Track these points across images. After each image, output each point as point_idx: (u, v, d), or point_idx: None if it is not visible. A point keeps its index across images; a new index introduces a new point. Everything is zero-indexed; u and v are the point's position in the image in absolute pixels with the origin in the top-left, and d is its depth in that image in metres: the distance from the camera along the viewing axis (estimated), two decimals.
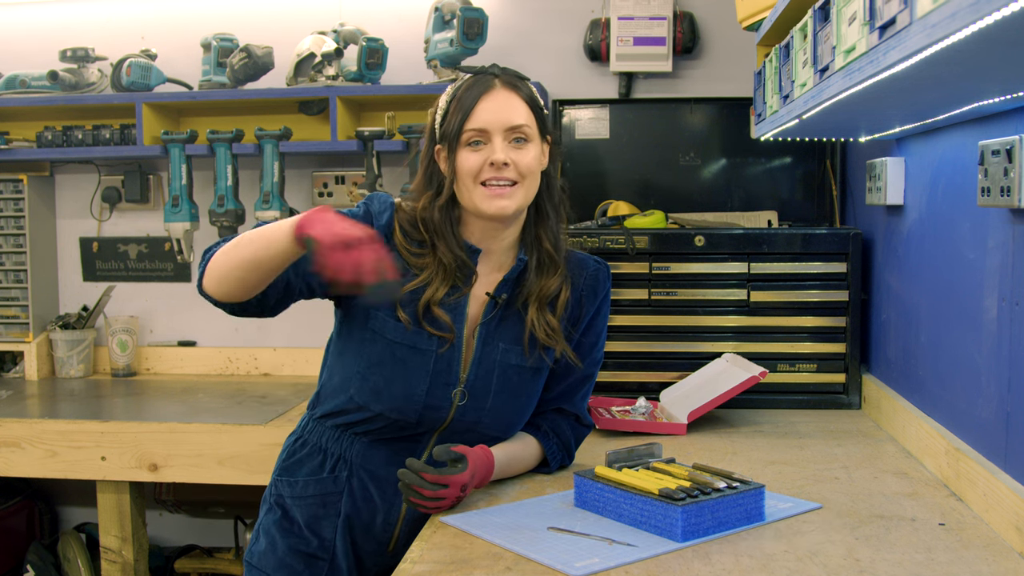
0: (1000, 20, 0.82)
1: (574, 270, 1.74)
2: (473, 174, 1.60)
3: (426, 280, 1.63)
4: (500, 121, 1.60)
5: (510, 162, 1.59)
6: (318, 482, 1.69)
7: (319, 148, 3.08)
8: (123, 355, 3.34)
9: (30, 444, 2.69)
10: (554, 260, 1.70)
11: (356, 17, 3.16)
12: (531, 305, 1.68)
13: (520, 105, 1.63)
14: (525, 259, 1.69)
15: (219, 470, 2.62)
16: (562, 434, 1.80)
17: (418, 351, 1.63)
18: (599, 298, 1.77)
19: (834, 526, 1.51)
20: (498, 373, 1.67)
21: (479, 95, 1.61)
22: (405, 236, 1.65)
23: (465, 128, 1.60)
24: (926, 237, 1.95)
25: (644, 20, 2.96)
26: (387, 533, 1.70)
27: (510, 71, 1.67)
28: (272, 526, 1.72)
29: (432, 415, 1.64)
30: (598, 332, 1.79)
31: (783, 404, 2.41)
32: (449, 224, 1.65)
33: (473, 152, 1.60)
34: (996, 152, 1.47)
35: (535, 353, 1.69)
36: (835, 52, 1.32)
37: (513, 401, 1.70)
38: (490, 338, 1.68)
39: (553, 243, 1.70)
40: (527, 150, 1.62)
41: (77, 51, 3.14)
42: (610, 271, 1.79)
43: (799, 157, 2.94)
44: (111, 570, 2.75)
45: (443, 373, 1.64)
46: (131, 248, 3.44)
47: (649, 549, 1.39)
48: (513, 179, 1.60)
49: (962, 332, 1.72)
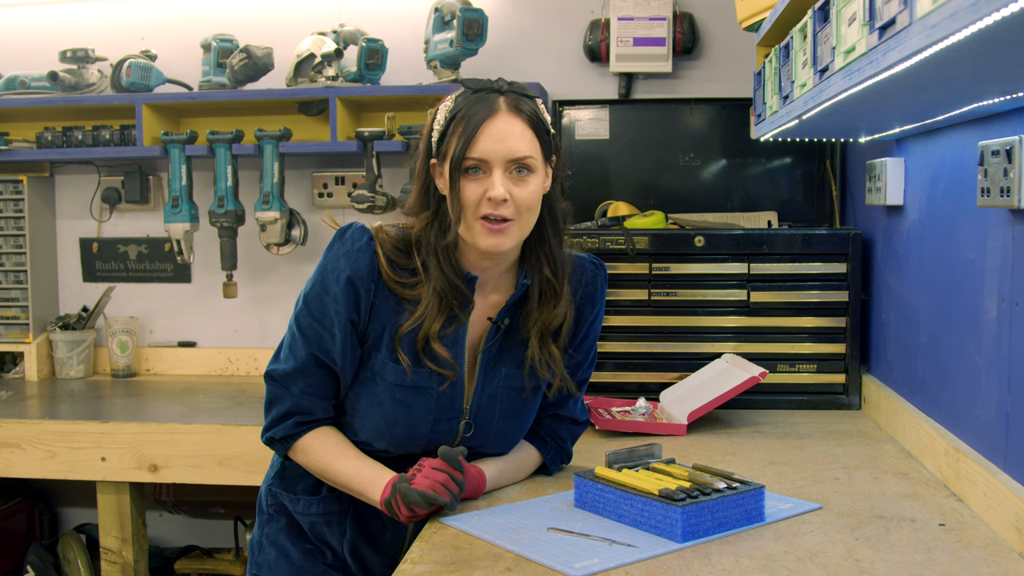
0: (1000, 20, 0.82)
1: (573, 276, 1.69)
2: (473, 206, 1.52)
3: (423, 314, 1.56)
4: (502, 152, 1.51)
5: (508, 198, 1.51)
6: (320, 501, 1.67)
7: (319, 149, 3.07)
8: (123, 356, 3.33)
9: (30, 445, 2.69)
10: (554, 288, 1.64)
11: (356, 17, 3.16)
12: (533, 336, 1.63)
13: (525, 132, 1.53)
14: (527, 283, 1.63)
15: (219, 471, 2.62)
16: (558, 437, 1.79)
17: (419, 390, 1.59)
18: (597, 306, 1.74)
19: (834, 527, 1.51)
20: (501, 398, 1.65)
21: (482, 120, 1.51)
22: (393, 267, 1.57)
23: (467, 156, 1.51)
24: (926, 237, 1.95)
25: (644, 21, 2.96)
26: (396, 547, 1.68)
27: (516, 87, 1.57)
28: (279, 534, 1.69)
29: (438, 445, 1.61)
30: (594, 336, 1.77)
31: (783, 404, 2.41)
32: (445, 250, 1.57)
33: (472, 182, 1.52)
34: (996, 152, 1.47)
35: (535, 379, 1.66)
36: (835, 52, 1.32)
37: (515, 423, 1.69)
38: (491, 364, 1.64)
39: (552, 269, 1.63)
40: (529, 182, 1.53)
41: (77, 52, 3.14)
42: (607, 273, 1.76)
43: (799, 157, 2.94)
44: (111, 571, 2.75)
45: (446, 408, 1.62)
46: (131, 249, 3.44)
47: (649, 549, 1.39)
48: (508, 216, 1.52)
49: (962, 333, 1.72)
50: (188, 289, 3.42)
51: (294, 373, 1.60)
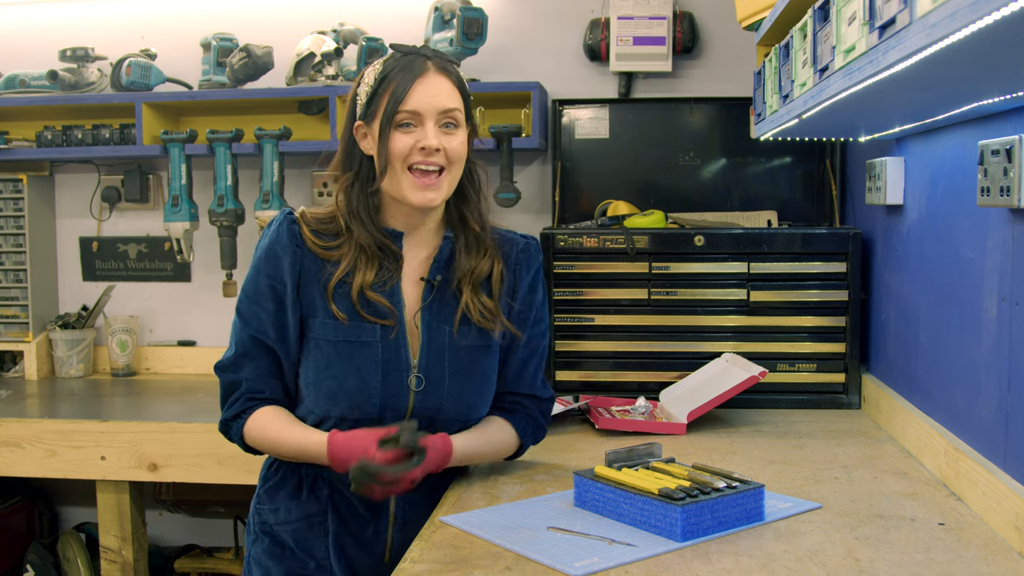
0: (1000, 20, 0.82)
1: (504, 246, 1.76)
2: (402, 157, 1.60)
3: (349, 266, 1.63)
4: (433, 105, 1.61)
5: (441, 147, 1.60)
6: (299, 505, 1.68)
7: (319, 148, 3.07)
8: (123, 355, 3.33)
9: (30, 444, 2.69)
10: (481, 240, 1.72)
11: (356, 17, 3.16)
12: (465, 288, 1.69)
13: (451, 89, 1.64)
14: (451, 236, 1.71)
15: (219, 470, 2.62)
16: (527, 410, 1.79)
17: (363, 344, 1.63)
18: (532, 269, 1.77)
19: (834, 526, 1.51)
20: (449, 354, 1.67)
21: (413, 78, 1.60)
22: (316, 235, 1.65)
23: (399, 110, 1.60)
24: (926, 237, 1.95)
25: (644, 20, 2.96)
26: (380, 542, 1.69)
27: (440, 54, 1.67)
28: (263, 555, 1.70)
29: (392, 405, 1.63)
30: (537, 305, 1.78)
31: (783, 404, 2.41)
32: (367, 208, 1.66)
33: (404, 134, 1.61)
34: (996, 152, 1.47)
35: (472, 331, 1.69)
36: (835, 52, 1.32)
37: (469, 381, 1.70)
38: (434, 321, 1.68)
39: (480, 223, 1.72)
40: (456, 135, 1.64)
41: (77, 51, 3.14)
42: (540, 246, 1.81)
43: (799, 157, 2.94)
44: (111, 570, 2.75)
45: (393, 361, 1.64)
46: (131, 248, 3.44)
47: (649, 549, 1.39)
48: (441, 165, 1.62)
49: (962, 332, 1.72)
50: (188, 288, 3.42)
51: (238, 358, 1.67)
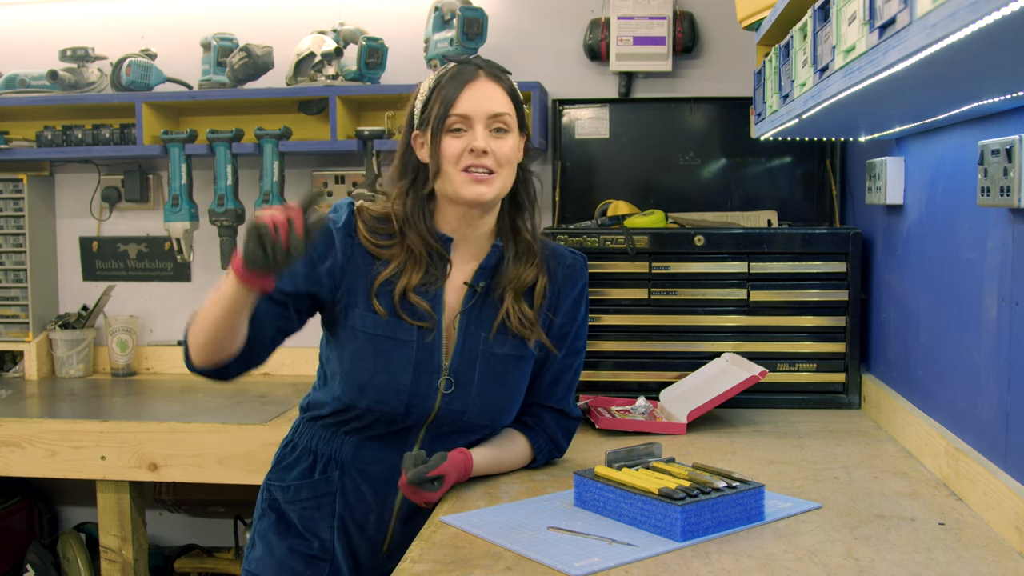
0: (1000, 20, 0.82)
1: (552, 261, 1.76)
2: (454, 159, 1.63)
3: (398, 268, 1.66)
4: (482, 109, 1.64)
5: (489, 150, 1.63)
6: (310, 484, 1.70)
7: (319, 148, 3.08)
8: (123, 355, 3.34)
9: (30, 444, 2.69)
10: (532, 249, 1.73)
11: (356, 17, 3.16)
12: (507, 295, 1.70)
13: (502, 95, 1.67)
14: (501, 245, 1.72)
15: (219, 470, 2.62)
16: (547, 427, 1.80)
17: (399, 342, 1.64)
18: (577, 288, 1.78)
19: (834, 526, 1.51)
20: (481, 360, 1.68)
21: (463, 83, 1.64)
22: (371, 232, 1.68)
23: (450, 114, 1.63)
24: (926, 237, 1.95)
25: (644, 20, 2.96)
26: (381, 532, 1.70)
27: (493, 63, 1.70)
28: (268, 530, 1.72)
29: (419, 405, 1.65)
30: (578, 323, 1.79)
31: (783, 404, 2.41)
32: (421, 213, 1.68)
33: (455, 138, 1.64)
34: (996, 152, 1.47)
35: (508, 340, 1.70)
36: (835, 52, 1.32)
37: (498, 390, 1.70)
38: (472, 326, 1.69)
39: (531, 233, 1.74)
40: (506, 140, 1.65)
41: (77, 51, 3.14)
42: (587, 264, 1.81)
43: (799, 157, 2.94)
44: (111, 570, 2.75)
45: (426, 362, 1.65)
46: (131, 248, 3.44)
47: (649, 549, 1.39)
48: (491, 167, 1.63)
49: (962, 332, 1.72)
50: (188, 288, 3.42)
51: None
